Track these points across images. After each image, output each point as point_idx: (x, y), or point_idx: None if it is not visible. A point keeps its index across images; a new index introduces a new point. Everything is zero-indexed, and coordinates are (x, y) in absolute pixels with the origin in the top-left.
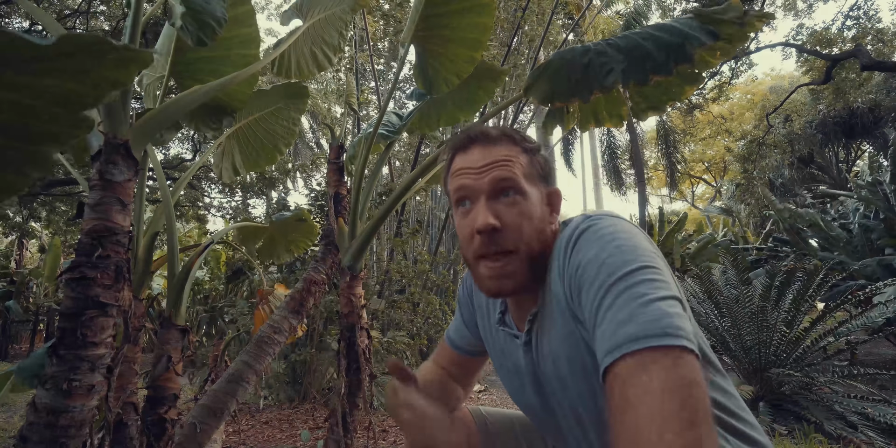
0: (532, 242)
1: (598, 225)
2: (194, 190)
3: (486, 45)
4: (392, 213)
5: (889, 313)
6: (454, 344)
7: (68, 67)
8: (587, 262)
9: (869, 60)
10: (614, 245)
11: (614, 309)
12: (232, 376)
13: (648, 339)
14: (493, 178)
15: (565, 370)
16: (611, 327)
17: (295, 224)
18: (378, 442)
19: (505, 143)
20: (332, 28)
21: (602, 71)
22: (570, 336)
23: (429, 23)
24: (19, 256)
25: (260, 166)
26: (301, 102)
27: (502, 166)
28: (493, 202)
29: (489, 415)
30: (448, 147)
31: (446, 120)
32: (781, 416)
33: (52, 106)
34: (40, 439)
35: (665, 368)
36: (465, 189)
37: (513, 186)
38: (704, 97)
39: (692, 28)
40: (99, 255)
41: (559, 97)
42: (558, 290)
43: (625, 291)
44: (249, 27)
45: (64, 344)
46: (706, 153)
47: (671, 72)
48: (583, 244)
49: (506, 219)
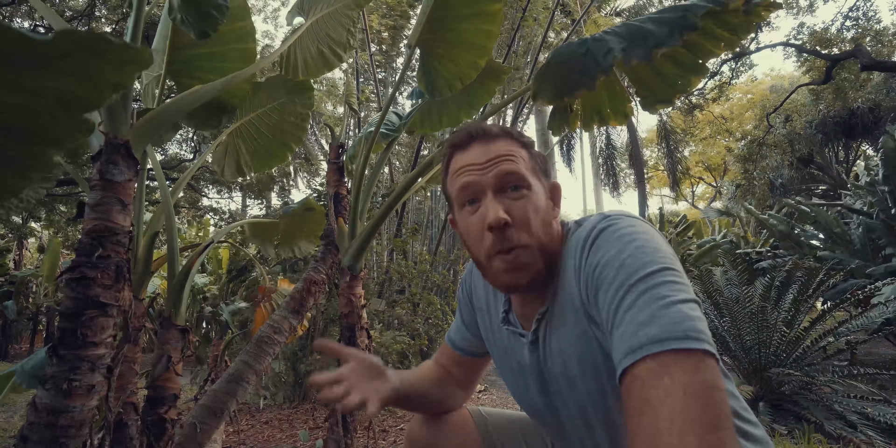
0: (542, 235)
1: (616, 225)
2: (194, 192)
3: (490, 52)
4: (392, 213)
5: (889, 313)
6: (455, 345)
7: (69, 68)
8: (606, 262)
9: (869, 60)
10: (634, 245)
11: (634, 310)
12: (232, 376)
13: (670, 342)
14: (499, 173)
15: (575, 370)
16: (630, 328)
17: (307, 215)
18: (378, 442)
19: (504, 139)
20: (339, 25)
21: (601, 53)
22: (583, 336)
23: (434, 26)
24: (19, 256)
25: (271, 165)
26: (306, 97)
27: (507, 160)
28: (500, 197)
29: (489, 415)
30: (446, 145)
31: (449, 120)
32: (781, 415)
33: (53, 108)
34: (40, 439)
35: (687, 371)
36: (471, 186)
37: (519, 180)
38: (705, 97)
39: (693, 5)
40: (99, 255)
41: (566, 92)
42: (573, 289)
43: (645, 292)
44: (244, 21)
45: (64, 344)
46: (706, 153)
47: (678, 41)
48: (601, 243)
49: (515, 213)
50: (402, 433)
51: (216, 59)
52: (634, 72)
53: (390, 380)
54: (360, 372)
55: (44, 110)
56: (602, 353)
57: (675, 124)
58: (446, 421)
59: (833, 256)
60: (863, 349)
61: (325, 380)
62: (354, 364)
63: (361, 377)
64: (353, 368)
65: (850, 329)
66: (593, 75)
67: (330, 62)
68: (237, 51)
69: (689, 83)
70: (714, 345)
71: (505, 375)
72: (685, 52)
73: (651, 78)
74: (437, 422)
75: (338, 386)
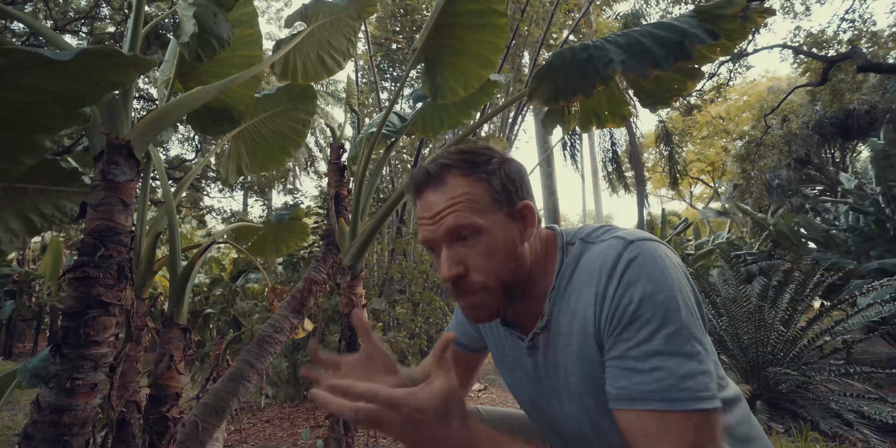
0: (503, 275)
1: (646, 255)
2: (197, 191)
3: (496, 65)
4: (393, 213)
5: (885, 312)
6: (457, 341)
7: (70, 69)
8: (642, 301)
9: (865, 62)
10: (667, 286)
11: (662, 356)
12: (234, 375)
13: (676, 403)
14: (447, 228)
15: (574, 386)
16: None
17: (288, 224)
18: (378, 440)
19: (453, 178)
20: (340, 34)
21: (601, 62)
22: (587, 359)
23: (441, 33)
24: (21, 255)
25: (268, 168)
26: (310, 104)
27: (453, 212)
28: (453, 249)
29: (488, 414)
30: (407, 188)
31: (449, 123)
32: (778, 414)
33: (51, 103)
34: (44, 437)
35: (687, 433)
36: (427, 241)
37: (468, 229)
38: (703, 98)
39: (692, 26)
40: (101, 255)
41: (562, 96)
42: (588, 314)
43: (668, 344)
44: (252, 28)
45: (67, 343)
46: (704, 154)
47: (670, 67)
48: (635, 277)
49: (470, 262)
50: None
51: (223, 64)
52: (632, 78)
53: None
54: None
55: (41, 104)
56: (602, 370)
57: (674, 127)
58: None
59: (828, 257)
60: (859, 348)
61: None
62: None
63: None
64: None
65: (846, 328)
66: (592, 83)
67: (329, 68)
68: (243, 57)
69: (686, 87)
70: (718, 397)
71: (502, 369)
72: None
73: (648, 83)
74: None
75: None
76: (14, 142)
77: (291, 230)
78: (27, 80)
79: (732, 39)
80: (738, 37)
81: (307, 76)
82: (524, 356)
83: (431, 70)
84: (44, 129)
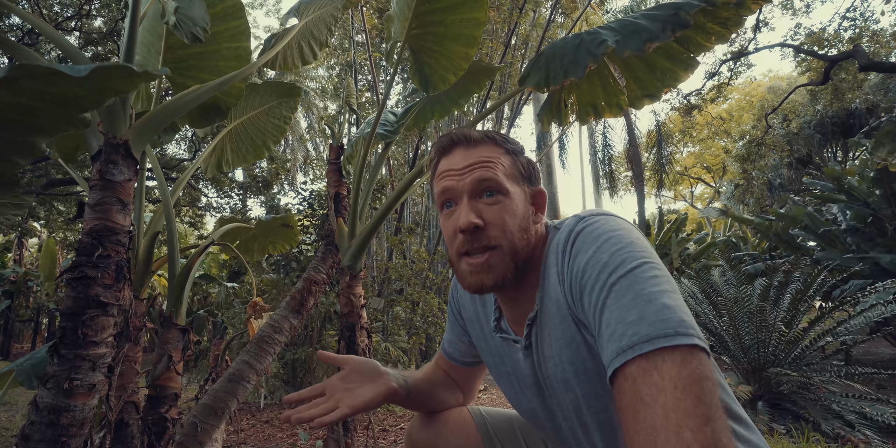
0: (515, 239)
1: (592, 225)
2: (194, 190)
3: (479, 41)
4: (392, 213)
5: (887, 313)
6: (450, 356)
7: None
8: (586, 264)
9: (867, 61)
10: (611, 243)
11: (620, 309)
12: (233, 376)
13: (659, 340)
14: (475, 179)
15: (569, 372)
16: (619, 329)
17: (278, 228)
18: (378, 441)
19: (486, 145)
20: (322, 24)
21: (594, 43)
22: (572, 341)
23: (422, 20)
24: (19, 255)
25: (247, 161)
26: (293, 101)
27: (484, 167)
28: (475, 202)
29: (489, 415)
30: (433, 150)
31: (440, 113)
32: (780, 415)
33: (52, 107)
34: (42, 438)
35: (676, 366)
36: (449, 191)
37: (494, 186)
38: (703, 98)
39: (686, 3)
40: (99, 255)
41: (553, 80)
42: (558, 295)
43: (628, 289)
44: (238, 20)
45: (65, 343)
46: (704, 154)
47: (668, 37)
48: (580, 246)
49: (488, 216)
50: (402, 432)
51: (210, 57)
52: (626, 64)
53: (388, 380)
54: (353, 377)
55: (42, 108)
56: (591, 356)
57: (674, 126)
58: (446, 421)
59: (830, 257)
60: (861, 349)
61: (299, 397)
62: (346, 371)
63: (354, 381)
64: (344, 375)
65: (848, 329)
66: (584, 64)
67: (305, 58)
68: (231, 49)
69: (678, 77)
70: (702, 335)
71: (501, 382)
72: (677, 46)
73: (642, 70)
74: (437, 422)
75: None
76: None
77: (281, 235)
78: (34, 86)
79: (728, 27)
80: (734, 24)
81: (285, 65)
82: (521, 360)
83: (419, 61)
84: (42, 132)
